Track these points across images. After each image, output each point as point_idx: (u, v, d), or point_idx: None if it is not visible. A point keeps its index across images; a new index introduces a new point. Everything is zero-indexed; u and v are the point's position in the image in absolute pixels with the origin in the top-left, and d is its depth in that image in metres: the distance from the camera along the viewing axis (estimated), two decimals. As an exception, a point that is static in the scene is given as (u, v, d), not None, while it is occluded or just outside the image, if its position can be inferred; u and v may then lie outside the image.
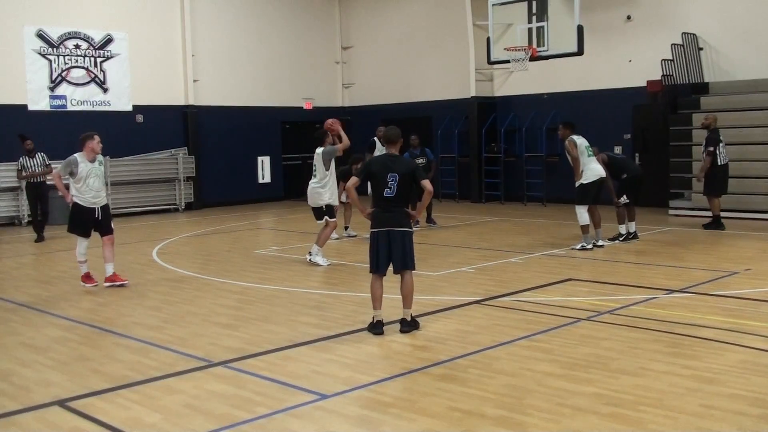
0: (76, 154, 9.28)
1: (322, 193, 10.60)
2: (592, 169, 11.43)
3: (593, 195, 11.47)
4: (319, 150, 10.73)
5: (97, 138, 9.41)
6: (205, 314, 7.84)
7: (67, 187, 9.46)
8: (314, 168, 10.83)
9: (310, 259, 10.72)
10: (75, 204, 9.33)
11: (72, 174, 9.24)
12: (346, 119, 23.13)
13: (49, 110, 17.55)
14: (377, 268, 6.88)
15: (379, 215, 6.87)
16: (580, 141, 11.59)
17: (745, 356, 5.88)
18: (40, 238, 14.09)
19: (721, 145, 13.24)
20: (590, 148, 11.60)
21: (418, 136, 14.78)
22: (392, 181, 6.73)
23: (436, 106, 20.92)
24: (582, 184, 11.46)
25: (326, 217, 10.60)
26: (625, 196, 11.95)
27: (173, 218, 17.98)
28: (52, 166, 14.39)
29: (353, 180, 6.94)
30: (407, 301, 6.89)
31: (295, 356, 6.24)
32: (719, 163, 13.18)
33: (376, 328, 6.79)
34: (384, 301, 6.97)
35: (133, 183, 18.67)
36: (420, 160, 14.33)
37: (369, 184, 6.99)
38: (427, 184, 6.78)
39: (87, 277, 9.52)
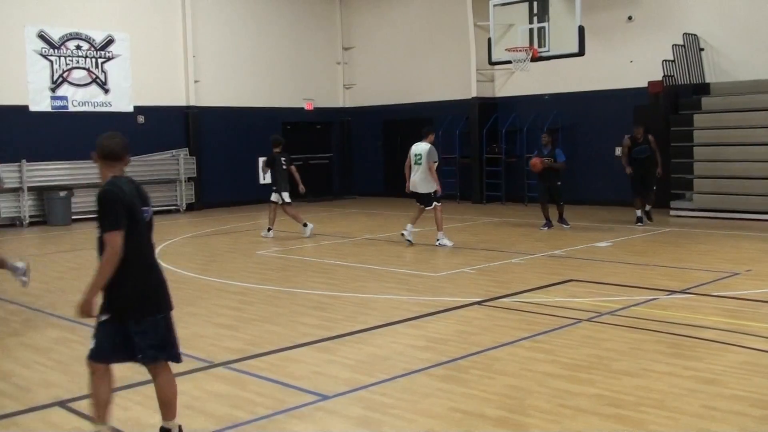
0: None
1: (426, 181, 12.13)
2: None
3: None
4: (425, 146, 12.14)
5: None
6: (205, 315, 7.84)
7: None
8: (418, 159, 12.16)
9: (438, 243, 12.06)
10: None
11: None
12: (346, 120, 23.25)
13: (51, 111, 17.55)
14: (110, 356, 4.32)
15: (149, 284, 4.36)
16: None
17: (746, 357, 5.88)
18: None
19: None
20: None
21: (549, 134, 14.53)
22: (148, 216, 4.40)
23: (437, 107, 20.90)
24: None
25: (434, 203, 12.17)
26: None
27: (174, 219, 17.98)
28: None
29: (117, 241, 4.13)
30: (171, 410, 4.44)
31: (296, 357, 6.24)
32: None
33: None
34: (380, 300, 6.91)
35: (134, 184, 18.66)
36: (546, 161, 14.01)
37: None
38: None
39: None
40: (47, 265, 11.47)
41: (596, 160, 18.31)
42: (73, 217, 17.22)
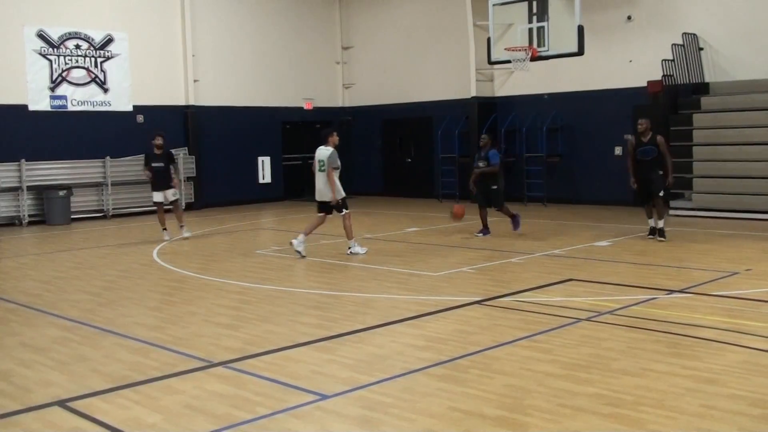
0: None
1: (328, 189, 11.30)
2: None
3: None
4: (326, 151, 11.26)
5: None
6: (205, 314, 7.84)
7: None
8: (321, 165, 11.33)
9: (350, 252, 11.38)
10: None
11: None
12: (346, 119, 23.24)
13: (50, 110, 17.55)
14: None
15: None
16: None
17: (745, 356, 5.88)
18: None
19: None
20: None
21: (488, 135, 13.46)
22: None
23: (437, 107, 20.91)
24: None
25: (343, 209, 11.38)
26: None
27: (174, 218, 17.94)
28: None
29: None
30: None
31: (296, 356, 6.24)
32: None
33: None
34: (379, 300, 6.93)
35: (133, 183, 18.66)
36: (481, 164, 12.90)
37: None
38: None
39: None
40: (46, 265, 11.46)
41: (595, 160, 18.32)
42: (72, 217, 17.22)
